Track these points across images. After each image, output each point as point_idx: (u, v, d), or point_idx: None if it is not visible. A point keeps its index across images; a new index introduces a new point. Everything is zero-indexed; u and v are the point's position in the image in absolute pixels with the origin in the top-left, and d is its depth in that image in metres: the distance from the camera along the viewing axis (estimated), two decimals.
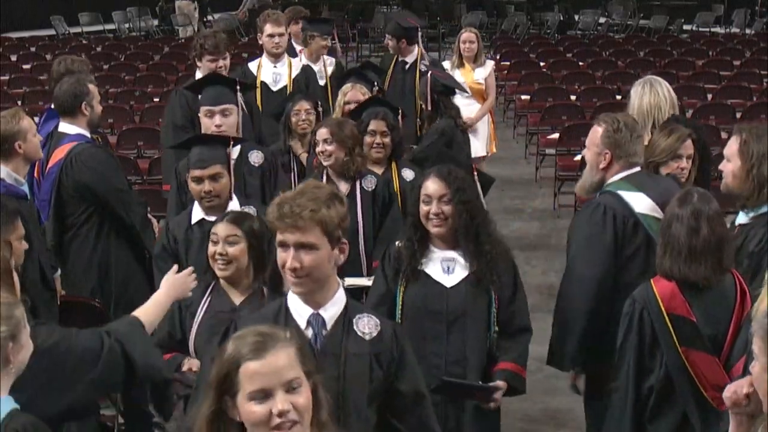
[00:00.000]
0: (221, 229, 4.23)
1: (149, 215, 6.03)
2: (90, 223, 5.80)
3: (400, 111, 6.07)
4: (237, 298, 4.22)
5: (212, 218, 4.66)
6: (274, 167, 5.75)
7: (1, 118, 5.17)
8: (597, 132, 4.68)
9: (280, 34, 7.86)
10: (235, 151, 5.26)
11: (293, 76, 7.95)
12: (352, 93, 6.60)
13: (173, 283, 3.98)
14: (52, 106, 6.41)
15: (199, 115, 5.59)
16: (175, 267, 4.11)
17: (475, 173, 4.54)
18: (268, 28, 7.87)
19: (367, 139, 5.78)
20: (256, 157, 5.65)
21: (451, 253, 4.26)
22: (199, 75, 6.93)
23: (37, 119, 7.06)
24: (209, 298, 4.23)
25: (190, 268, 4.10)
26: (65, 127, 5.85)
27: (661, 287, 3.99)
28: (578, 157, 9.93)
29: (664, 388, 4.03)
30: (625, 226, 4.54)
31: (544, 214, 10.56)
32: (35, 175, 5.96)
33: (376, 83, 7.20)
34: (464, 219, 4.18)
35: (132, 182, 6.88)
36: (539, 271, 8.77)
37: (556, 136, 10.97)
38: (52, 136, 6.05)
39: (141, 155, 10.30)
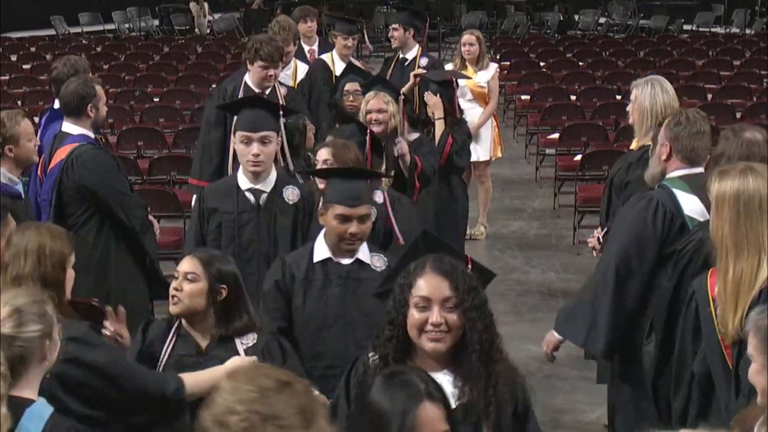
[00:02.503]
0: (184, 265, 3.94)
1: (150, 217, 6.03)
2: (90, 224, 5.80)
3: (368, 131, 5.59)
4: (202, 342, 3.95)
5: (344, 260, 4.27)
6: (309, 208, 5.02)
7: None
8: (665, 123, 4.68)
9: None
10: (269, 184, 4.95)
11: (298, 80, 7.86)
12: (375, 101, 6.19)
13: (240, 367, 3.52)
14: (56, 106, 6.42)
15: (233, 138, 5.03)
16: (242, 358, 3.80)
17: (470, 265, 3.34)
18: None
19: None
20: (291, 194, 5.01)
21: (437, 376, 2.97)
22: (248, 78, 6.89)
23: (37, 119, 7.08)
24: (173, 340, 3.96)
25: (254, 359, 3.78)
26: (69, 127, 5.84)
27: (714, 276, 3.87)
28: (578, 157, 9.97)
29: (704, 376, 4.00)
30: (672, 226, 4.50)
31: (544, 214, 10.55)
32: (38, 173, 5.97)
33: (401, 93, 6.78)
34: (477, 332, 3.07)
35: (132, 182, 6.88)
36: (539, 271, 8.77)
37: (556, 136, 10.98)
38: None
39: (141, 155, 10.31)
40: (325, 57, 8.60)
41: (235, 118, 5.13)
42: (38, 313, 3.08)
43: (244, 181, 4.98)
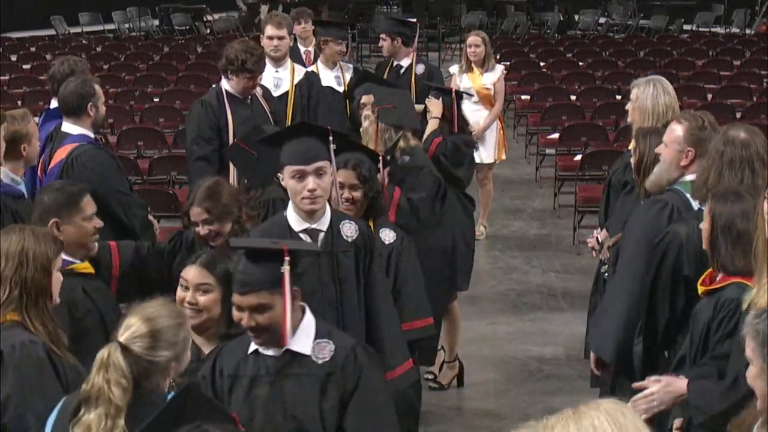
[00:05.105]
0: (192, 275, 3.80)
1: (150, 216, 6.04)
2: None
3: (381, 158, 5.05)
4: (205, 347, 3.79)
5: (272, 351, 3.45)
6: (369, 244, 4.39)
7: (9, 116, 5.20)
8: (675, 130, 4.56)
9: (280, 38, 7.68)
10: (325, 221, 4.26)
11: (296, 81, 7.81)
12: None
13: None
14: (51, 106, 6.42)
15: (281, 176, 4.41)
16: None
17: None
18: (268, 30, 7.74)
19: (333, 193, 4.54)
20: (349, 230, 4.35)
21: None
22: (226, 86, 6.63)
23: (37, 119, 7.08)
24: None
25: None
26: (68, 127, 5.85)
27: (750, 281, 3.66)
28: (578, 157, 9.98)
29: None
30: None
31: (544, 214, 10.56)
32: (38, 173, 5.98)
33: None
34: None
35: (132, 182, 6.89)
36: (539, 271, 8.76)
37: (556, 136, 10.99)
38: (53, 136, 6.06)
39: (141, 155, 10.32)
40: (312, 68, 8.38)
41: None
42: (173, 341, 3.13)
43: (296, 222, 4.23)
